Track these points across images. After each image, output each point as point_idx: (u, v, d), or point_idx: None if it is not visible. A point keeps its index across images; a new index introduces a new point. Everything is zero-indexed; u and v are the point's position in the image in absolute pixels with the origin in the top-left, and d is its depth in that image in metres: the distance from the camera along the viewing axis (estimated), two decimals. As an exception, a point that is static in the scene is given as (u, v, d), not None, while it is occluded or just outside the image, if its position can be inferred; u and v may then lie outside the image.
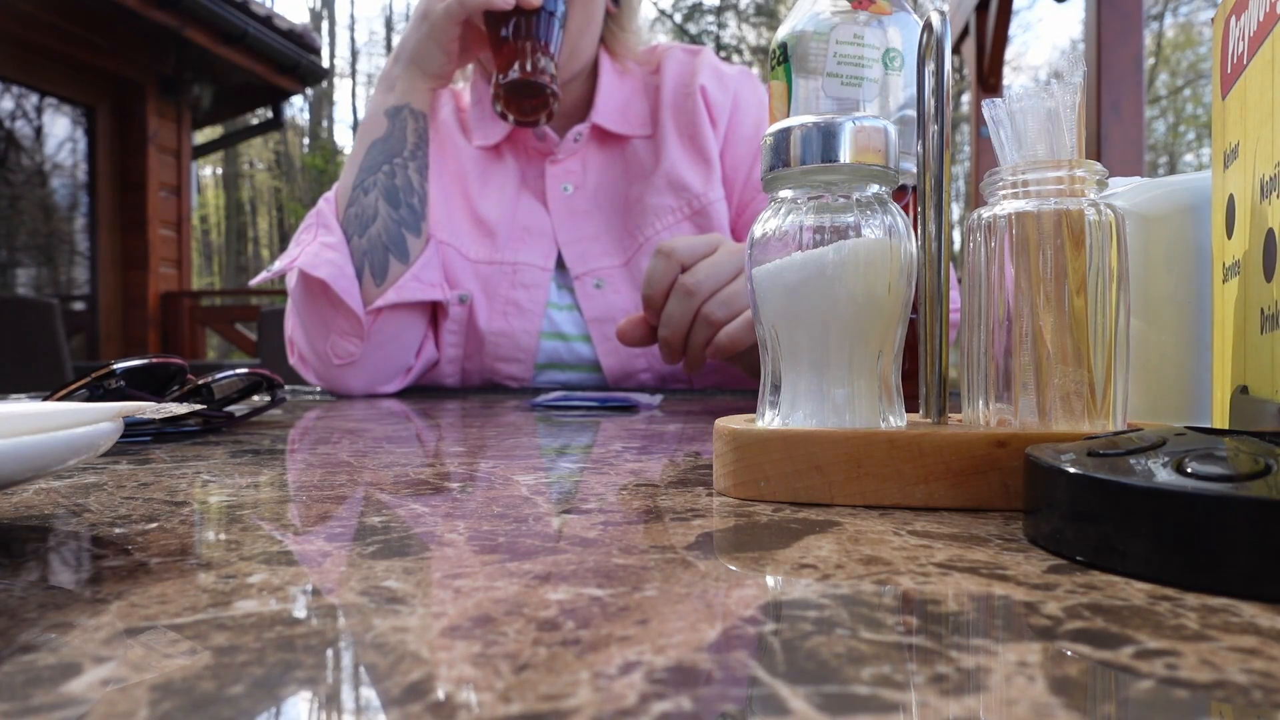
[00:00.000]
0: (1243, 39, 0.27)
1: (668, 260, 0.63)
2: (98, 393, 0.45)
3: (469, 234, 0.89)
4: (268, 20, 3.51)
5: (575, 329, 0.88)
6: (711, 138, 0.88)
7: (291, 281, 0.77)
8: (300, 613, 0.16)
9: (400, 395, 0.83)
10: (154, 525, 0.24)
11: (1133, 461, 0.20)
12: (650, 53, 0.94)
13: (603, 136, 0.91)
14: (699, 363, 0.64)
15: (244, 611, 0.16)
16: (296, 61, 3.72)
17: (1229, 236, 0.29)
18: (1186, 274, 0.34)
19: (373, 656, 0.14)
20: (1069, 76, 0.28)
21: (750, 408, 0.64)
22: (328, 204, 0.78)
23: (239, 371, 0.53)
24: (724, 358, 0.64)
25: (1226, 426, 0.27)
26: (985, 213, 0.29)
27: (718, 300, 0.62)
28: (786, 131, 0.28)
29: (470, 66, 0.93)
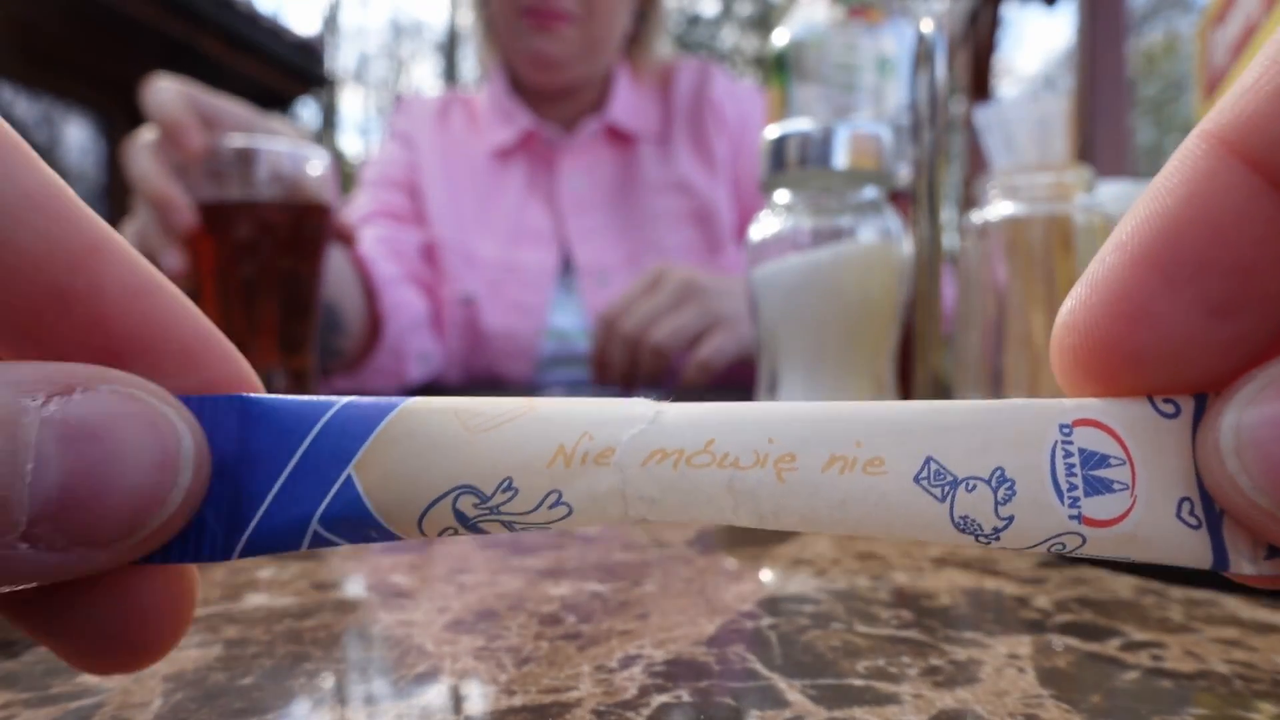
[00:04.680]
0: (1224, 48, 0.27)
1: (605, 324, 0.68)
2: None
3: (477, 235, 0.90)
4: (277, 30, 3.52)
5: (577, 328, 0.89)
6: (719, 144, 0.89)
7: None
8: (309, 606, 0.16)
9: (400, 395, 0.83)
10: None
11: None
12: (663, 66, 0.96)
13: (613, 136, 0.93)
14: (695, 378, 0.66)
15: (254, 605, 0.16)
16: (306, 70, 3.73)
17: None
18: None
19: (379, 649, 0.14)
20: (1059, 84, 0.28)
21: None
22: None
23: None
24: (717, 372, 0.66)
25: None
26: (977, 216, 0.30)
27: (658, 330, 0.65)
28: (784, 137, 0.29)
29: (488, 65, 0.94)
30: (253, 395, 0.10)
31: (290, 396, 0.10)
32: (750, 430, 0.10)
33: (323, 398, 0.10)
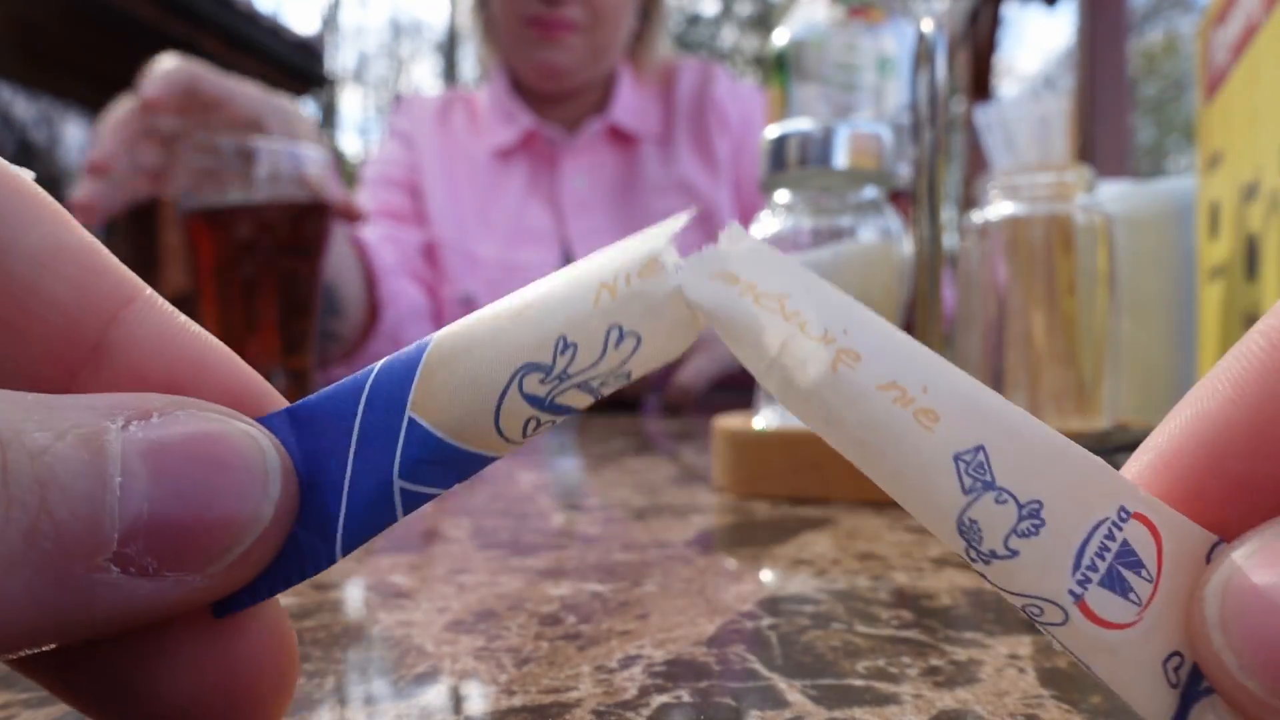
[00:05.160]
0: (1225, 49, 0.27)
1: None
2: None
3: (477, 235, 0.90)
4: (277, 30, 3.53)
5: None
6: (721, 144, 0.90)
7: None
8: (308, 606, 0.16)
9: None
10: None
11: (1121, 457, 0.20)
12: (665, 65, 0.96)
13: (615, 137, 0.93)
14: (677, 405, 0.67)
15: (251, 607, 0.16)
16: (305, 70, 3.74)
17: (1212, 240, 0.29)
18: (1173, 276, 0.34)
19: (379, 649, 0.14)
20: (1059, 83, 0.29)
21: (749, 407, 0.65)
22: None
23: None
24: (698, 394, 0.66)
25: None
26: (978, 216, 0.30)
27: None
28: (784, 137, 0.29)
29: (488, 65, 0.94)
30: (296, 403, 0.10)
31: (328, 388, 0.10)
32: (831, 310, 0.09)
33: (357, 373, 0.10)
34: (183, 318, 0.10)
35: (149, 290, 0.10)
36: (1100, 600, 0.08)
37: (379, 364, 0.10)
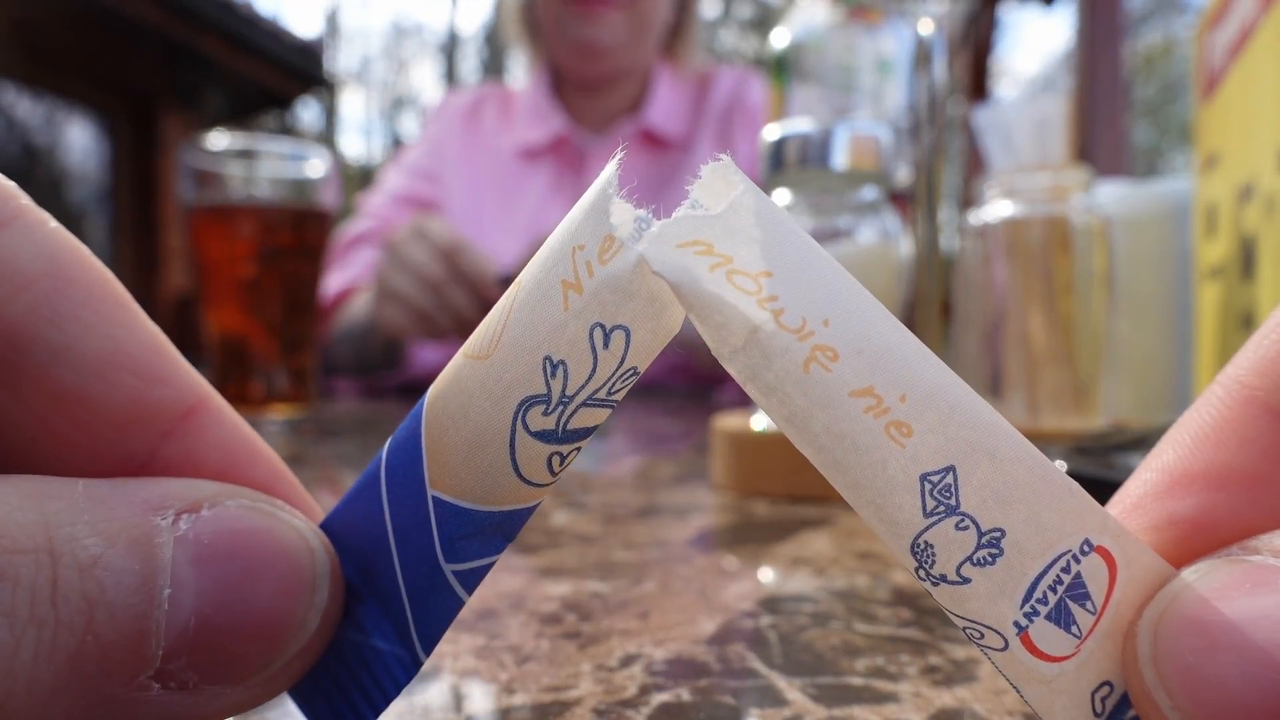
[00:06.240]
0: (1221, 50, 0.27)
1: None
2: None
3: (495, 234, 0.90)
4: (278, 32, 3.55)
5: None
6: (743, 144, 0.90)
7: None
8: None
9: (404, 393, 0.83)
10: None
11: (1118, 457, 0.20)
12: (704, 70, 0.97)
13: (647, 140, 0.94)
14: None
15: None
16: (306, 71, 3.76)
17: (1209, 240, 0.29)
18: (1170, 276, 0.35)
19: (380, 649, 0.14)
20: (1057, 85, 0.29)
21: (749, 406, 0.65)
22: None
23: None
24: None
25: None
26: (976, 217, 0.30)
27: None
28: (783, 138, 0.29)
29: (527, 54, 0.95)
30: (325, 516, 0.10)
31: (347, 492, 0.10)
32: (817, 294, 0.08)
33: (369, 465, 0.10)
34: (246, 432, 0.09)
35: (214, 400, 0.09)
36: (1043, 633, 0.08)
37: (385, 448, 0.09)
